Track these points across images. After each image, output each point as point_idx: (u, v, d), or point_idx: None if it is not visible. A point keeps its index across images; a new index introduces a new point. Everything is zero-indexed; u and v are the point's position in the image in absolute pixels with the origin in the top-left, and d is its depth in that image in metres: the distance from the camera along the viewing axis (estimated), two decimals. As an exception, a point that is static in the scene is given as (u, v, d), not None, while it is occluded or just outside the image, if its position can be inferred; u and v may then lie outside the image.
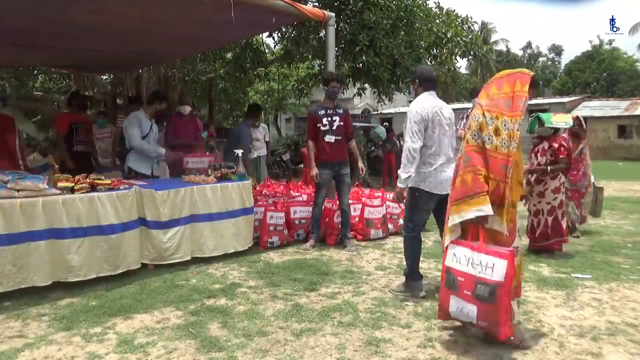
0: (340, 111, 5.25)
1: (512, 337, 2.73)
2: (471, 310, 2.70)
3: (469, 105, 6.06)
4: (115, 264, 4.04)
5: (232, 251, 4.83)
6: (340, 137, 5.19)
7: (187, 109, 6.22)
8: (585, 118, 23.98)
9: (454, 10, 10.97)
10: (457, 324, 3.11)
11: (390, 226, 5.88)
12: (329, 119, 5.17)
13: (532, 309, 3.42)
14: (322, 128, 5.15)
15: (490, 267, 2.66)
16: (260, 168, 8.38)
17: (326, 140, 5.15)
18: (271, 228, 5.26)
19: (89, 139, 6.30)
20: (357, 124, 14.92)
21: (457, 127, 5.92)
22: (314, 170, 5.17)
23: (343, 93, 9.60)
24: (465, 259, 2.78)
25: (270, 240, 5.24)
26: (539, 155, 4.95)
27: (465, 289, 2.74)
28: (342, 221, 5.36)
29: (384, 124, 22.04)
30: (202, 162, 5.41)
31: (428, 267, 4.51)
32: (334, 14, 5.91)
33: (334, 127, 5.16)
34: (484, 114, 2.85)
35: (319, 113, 5.18)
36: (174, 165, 5.82)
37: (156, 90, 8.03)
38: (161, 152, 5.54)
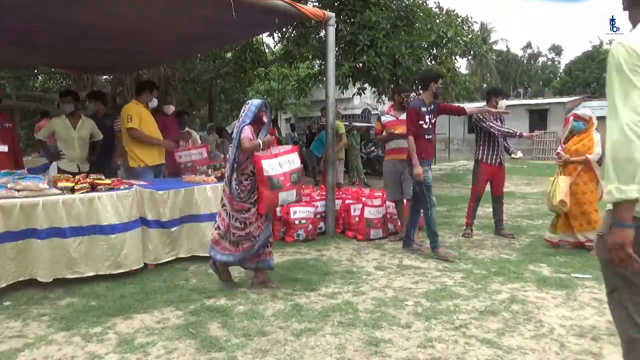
0: (433, 107, 5.01)
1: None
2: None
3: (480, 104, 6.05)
4: (116, 264, 4.04)
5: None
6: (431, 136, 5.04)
7: (171, 109, 6.28)
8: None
9: (454, 10, 10.97)
10: (457, 323, 3.13)
11: (390, 226, 5.88)
12: (430, 116, 4.96)
13: (532, 309, 3.42)
14: (423, 126, 4.90)
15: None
16: None
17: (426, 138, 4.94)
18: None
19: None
20: (358, 124, 14.93)
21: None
22: (419, 169, 4.77)
23: (342, 93, 9.61)
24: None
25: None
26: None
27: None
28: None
29: None
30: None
31: (428, 266, 4.51)
32: (334, 14, 5.91)
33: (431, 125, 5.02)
34: None
35: (421, 109, 4.90)
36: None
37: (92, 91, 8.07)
38: None
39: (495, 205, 5.93)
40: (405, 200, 5.52)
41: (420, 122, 4.86)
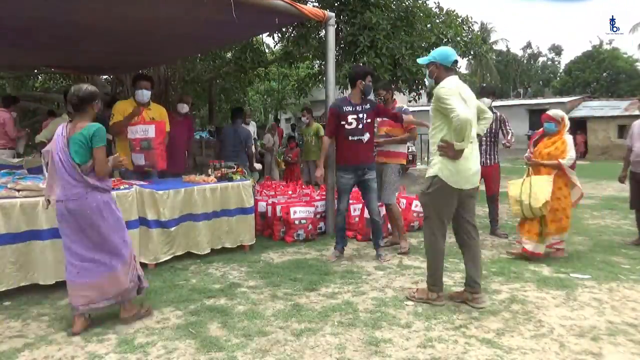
0: (367, 106, 4.64)
1: None
2: None
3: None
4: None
5: (220, 247, 4.87)
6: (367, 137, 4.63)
7: (185, 108, 6.17)
8: (585, 118, 23.70)
9: (454, 11, 10.96)
10: (457, 323, 3.13)
11: (390, 226, 5.87)
12: (356, 116, 4.61)
13: (532, 309, 3.42)
14: (346, 126, 4.62)
15: None
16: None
17: (350, 139, 4.63)
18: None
19: None
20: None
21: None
22: (320, 172, 4.96)
23: (342, 92, 9.59)
24: None
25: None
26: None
27: None
28: (373, 231, 4.96)
29: None
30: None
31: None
32: (333, 14, 5.91)
33: (360, 126, 4.60)
34: None
35: (343, 109, 4.63)
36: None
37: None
38: None
39: (489, 205, 5.94)
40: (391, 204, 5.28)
41: (342, 123, 4.61)
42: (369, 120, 4.64)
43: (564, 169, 4.64)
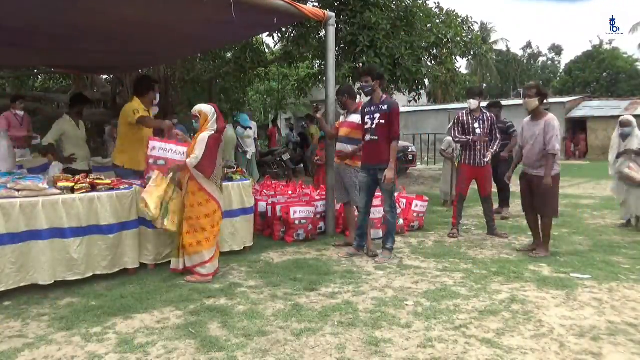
0: (384, 107, 4.67)
1: None
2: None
3: (466, 105, 6.01)
4: (112, 264, 4.05)
5: (228, 250, 4.84)
6: (377, 137, 4.66)
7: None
8: (585, 118, 23.67)
9: (454, 11, 10.97)
10: (457, 323, 3.13)
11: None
12: (370, 116, 4.72)
13: (532, 309, 3.42)
14: (365, 127, 4.78)
15: None
16: (252, 165, 8.40)
17: (366, 139, 4.77)
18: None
19: None
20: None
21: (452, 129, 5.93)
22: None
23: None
24: None
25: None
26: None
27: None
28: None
29: None
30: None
31: (428, 266, 4.51)
32: (333, 14, 5.91)
33: (373, 126, 4.68)
34: None
35: (364, 110, 4.81)
36: None
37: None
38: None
39: (483, 206, 5.94)
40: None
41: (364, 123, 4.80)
42: (381, 121, 4.64)
43: (190, 171, 3.86)
